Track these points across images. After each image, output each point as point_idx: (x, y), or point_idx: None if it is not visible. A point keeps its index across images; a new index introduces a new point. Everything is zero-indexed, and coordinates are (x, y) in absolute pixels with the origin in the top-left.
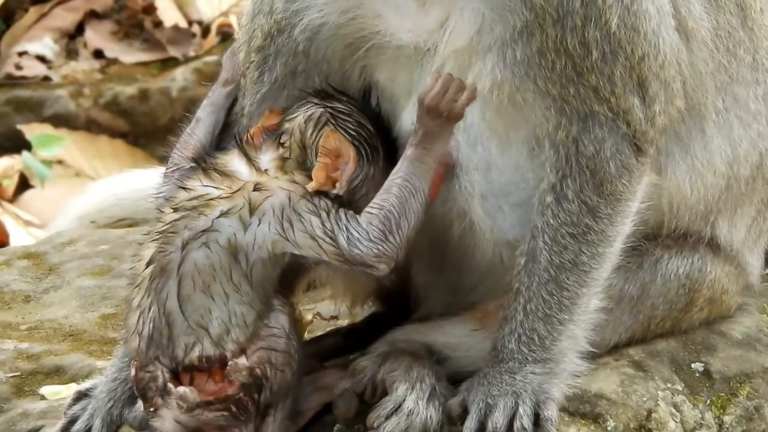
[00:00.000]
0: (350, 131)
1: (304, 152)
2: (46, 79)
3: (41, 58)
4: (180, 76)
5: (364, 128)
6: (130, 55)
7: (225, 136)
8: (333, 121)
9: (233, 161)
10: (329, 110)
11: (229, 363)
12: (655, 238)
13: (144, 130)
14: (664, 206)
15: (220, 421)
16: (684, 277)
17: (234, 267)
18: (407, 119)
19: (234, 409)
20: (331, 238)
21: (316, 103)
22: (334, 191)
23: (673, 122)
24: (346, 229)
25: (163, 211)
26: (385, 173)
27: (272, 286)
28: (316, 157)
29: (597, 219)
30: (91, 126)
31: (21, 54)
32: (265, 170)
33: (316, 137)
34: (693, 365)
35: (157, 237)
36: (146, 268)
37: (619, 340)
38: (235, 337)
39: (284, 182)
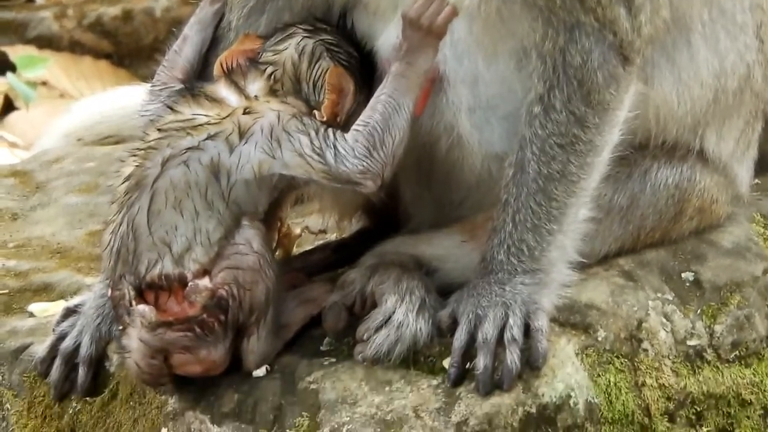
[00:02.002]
0: (344, 63)
1: (299, 85)
2: (30, 0)
3: None
4: None
5: (353, 57)
6: None
7: (212, 53)
8: (328, 55)
9: (221, 90)
10: (322, 42)
11: (190, 284)
12: (644, 149)
13: (128, 51)
14: (650, 117)
15: (184, 342)
16: (673, 187)
17: (211, 185)
18: (392, 33)
19: (198, 330)
20: (319, 155)
21: (305, 36)
22: (335, 124)
23: (659, 33)
24: (333, 146)
25: (147, 132)
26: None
27: (251, 206)
28: (313, 90)
29: (585, 129)
30: (74, 47)
31: None
32: (255, 96)
33: (313, 71)
34: (683, 275)
35: (138, 154)
36: (123, 183)
37: (609, 251)
38: (196, 256)
39: (275, 104)
